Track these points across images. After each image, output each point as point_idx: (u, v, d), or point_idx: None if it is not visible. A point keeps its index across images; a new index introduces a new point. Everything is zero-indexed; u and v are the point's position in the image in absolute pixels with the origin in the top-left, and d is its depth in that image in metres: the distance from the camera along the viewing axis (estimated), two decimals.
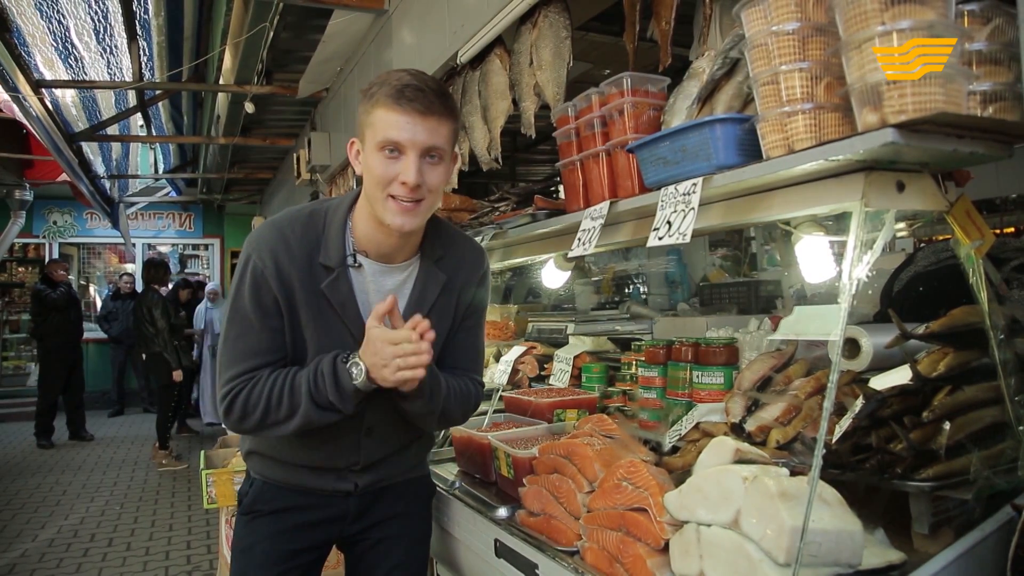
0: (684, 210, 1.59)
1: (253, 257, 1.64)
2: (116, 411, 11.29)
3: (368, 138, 1.59)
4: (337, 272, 1.67)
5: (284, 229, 1.68)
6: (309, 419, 1.61)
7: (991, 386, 1.53)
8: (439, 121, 1.57)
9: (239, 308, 1.64)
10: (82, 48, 5.33)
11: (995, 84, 1.30)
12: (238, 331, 1.65)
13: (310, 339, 1.67)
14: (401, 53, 3.85)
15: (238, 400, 1.61)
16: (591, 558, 1.60)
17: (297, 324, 1.67)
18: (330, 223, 1.70)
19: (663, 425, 2.04)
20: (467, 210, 3.22)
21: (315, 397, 1.60)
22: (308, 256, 1.66)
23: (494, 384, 2.95)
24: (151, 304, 7.77)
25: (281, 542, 1.79)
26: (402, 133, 1.54)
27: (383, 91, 1.55)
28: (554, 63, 2.60)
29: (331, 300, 1.67)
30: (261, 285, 1.62)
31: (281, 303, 1.64)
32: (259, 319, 1.63)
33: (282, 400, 1.61)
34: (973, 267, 1.49)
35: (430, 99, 1.55)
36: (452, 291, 1.81)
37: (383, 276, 1.74)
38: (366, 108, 1.59)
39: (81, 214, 12.36)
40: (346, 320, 1.68)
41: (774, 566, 1.24)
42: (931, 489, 1.41)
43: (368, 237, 1.70)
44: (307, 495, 1.81)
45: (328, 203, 1.77)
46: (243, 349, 1.64)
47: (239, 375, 1.63)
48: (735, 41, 1.58)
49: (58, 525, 5.72)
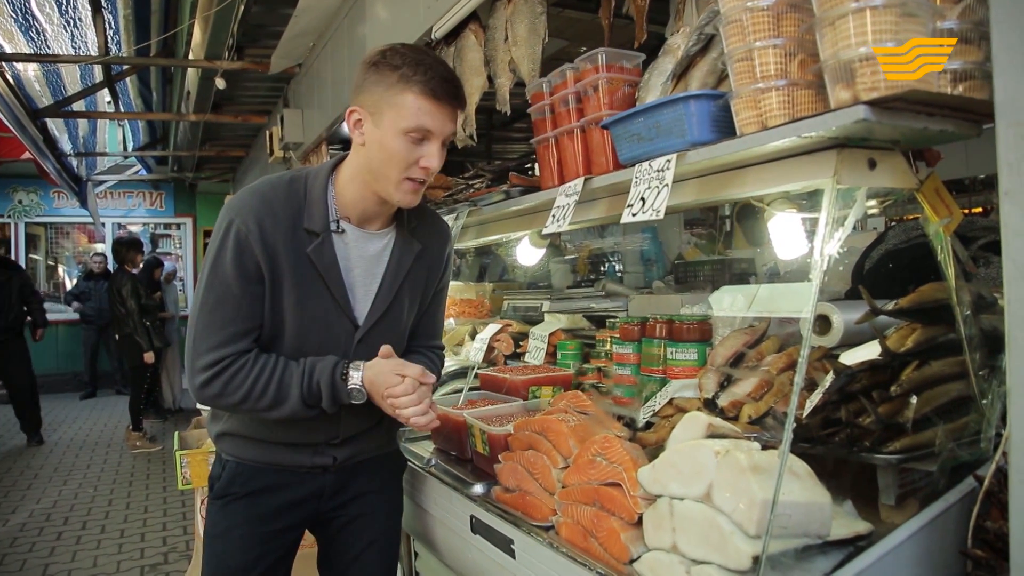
0: (658, 186, 1.59)
1: (236, 221, 1.62)
2: (88, 393, 11.07)
3: (391, 118, 1.59)
4: (322, 236, 1.68)
5: (267, 194, 1.67)
6: (295, 414, 1.66)
7: (957, 361, 1.56)
8: (460, 111, 1.67)
9: (219, 274, 1.62)
10: (44, 20, 5.18)
11: (965, 63, 1.31)
12: (217, 297, 1.62)
13: (292, 306, 1.67)
14: (375, 29, 3.79)
15: (218, 380, 1.61)
16: (566, 533, 1.61)
17: (279, 291, 1.66)
18: (311, 189, 1.71)
19: (637, 401, 2.06)
20: (442, 187, 3.20)
21: (306, 399, 1.65)
22: (292, 220, 1.66)
23: (470, 362, 2.95)
24: (120, 284, 7.65)
25: (259, 524, 1.77)
26: (435, 122, 1.60)
27: (419, 79, 1.57)
28: (529, 39, 2.58)
29: (316, 264, 1.67)
30: (245, 250, 1.61)
31: (264, 269, 1.62)
32: (241, 285, 1.61)
33: (267, 391, 1.62)
34: (941, 244, 1.51)
35: (460, 92, 1.65)
36: (424, 260, 1.86)
37: (364, 242, 1.76)
38: (392, 87, 1.58)
39: (48, 193, 12.05)
40: (330, 285, 1.69)
41: (745, 538, 1.26)
42: (898, 461, 1.44)
43: (354, 204, 1.72)
44: (284, 473, 1.79)
45: (306, 170, 1.77)
46: (222, 316, 1.62)
47: (219, 346, 1.61)
48: (710, 17, 1.57)
49: (30, 509, 5.66)
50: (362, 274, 1.76)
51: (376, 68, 1.61)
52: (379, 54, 1.62)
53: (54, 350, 11.87)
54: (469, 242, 3.12)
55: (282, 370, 1.64)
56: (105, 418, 9.48)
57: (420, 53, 1.62)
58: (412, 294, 1.85)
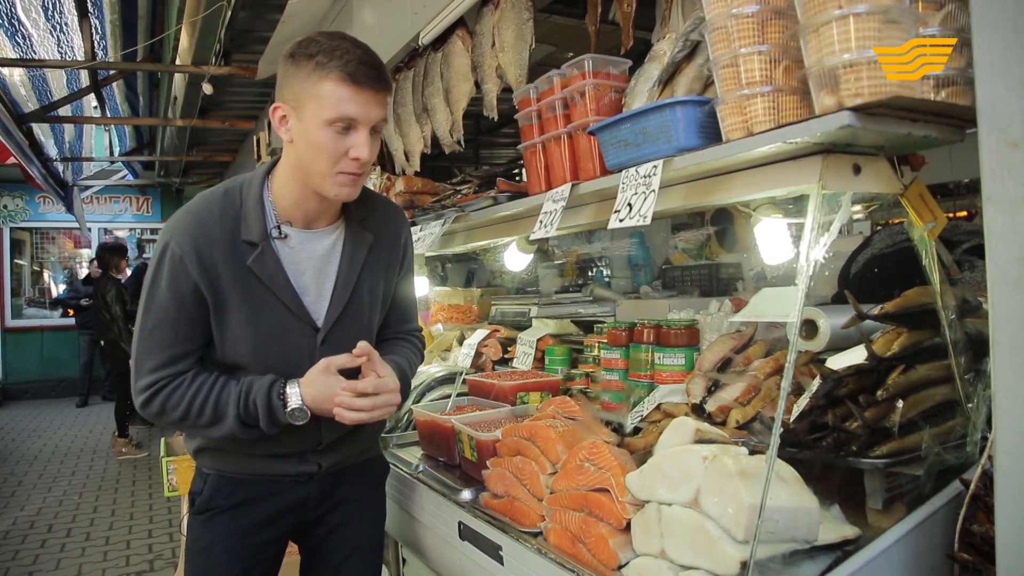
0: (645, 192, 1.60)
1: (171, 244, 1.58)
2: (83, 401, 10.89)
3: (312, 110, 1.53)
4: (261, 246, 1.63)
5: (200, 212, 1.63)
6: (232, 433, 1.62)
7: (942, 365, 1.57)
8: (386, 95, 1.59)
9: (155, 298, 1.60)
10: (30, 25, 5.15)
11: (948, 69, 1.32)
12: (154, 322, 1.60)
13: (244, 322, 1.63)
14: (362, 34, 3.79)
15: (156, 399, 1.60)
16: (554, 539, 1.61)
17: (225, 310, 1.62)
18: (246, 198, 1.66)
19: (625, 406, 2.06)
20: (429, 193, 3.20)
21: (244, 419, 1.61)
22: (230, 235, 1.62)
23: (458, 368, 2.94)
24: (105, 290, 7.61)
25: (243, 537, 1.74)
26: (358, 109, 1.53)
27: (335, 64, 1.50)
28: (516, 45, 2.58)
29: (259, 275, 1.63)
30: (180, 273, 1.57)
31: (204, 289, 1.59)
32: (176, 308, 1.59)
33: (204, 410, 1.60)
34: (926, 249, 1.52)
35: (381, 75, 1.56)
36: (380, 249, 1.81)
37: (311, 243, 1.71)
38: (310, 76, 1.52)
39: (33, 198, 11.95)
40: (278, 294, 1.65)
41: (733, 543, 1.26)
42: (885, 466, 1.44)
43: (295, 205, 1.67)
44: (268, 483, 1.76)
45: (240, 179, 1.72)
46: (160, 339, 1.60)
47: (157, 368, 1.60)
48: (696, 24, 1.58)
49: (13, 517, 5.60)
50: (315, 275, 1.71)
51: (293, 60, 1.55)
52: (295, 45, 1.56)
53: (39, 356, 11.78)
54: (457, 247, 3.11)
55: (220, 389, 1.61)
56: (91, 424, 9.40)
57: (336, 39, 1.54)
58: (372, 286, 1.79)
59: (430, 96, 3.07)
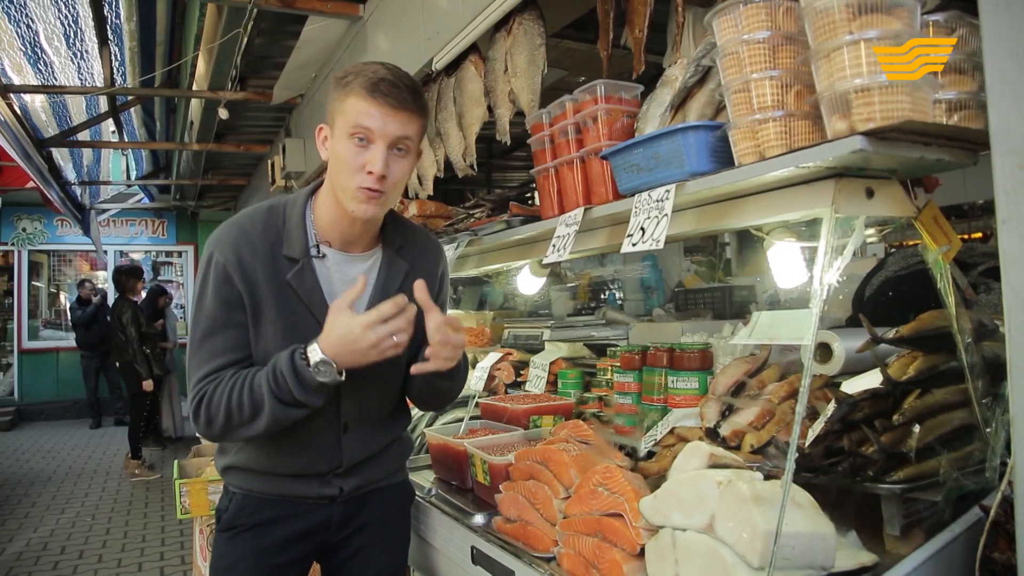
0: (658, 216, 1.60)
1: (215, 254, 1.63)
2: (96, 423, 10.93)
3: (339, 124, 1.59)
4: (302, 263, 1.67)
5: (244, 224, 1.68)
6: (276, 418, 1.57)
7: (959, 389, 1.55)
8: (409, 117, 1.61)
9: (203, 307, 1.63)
10: (52, 53, 5.25)
11: (960, 93, 1.32)
12: (204, 331, 1.63)
13: (279, 335, 1.64)
14: (376, 59, 3.83)
15: (201, 406, 1.59)
16: (567, 564, 1.60)
17: (261, 320, 1.64)
18: (290, 215, 1.70)
19: (638, 430, 2.05)
20: (442, 216, 3.22)
21: (278, 395, 1.56)
22: (271, 249, 1.66)
23: (470, 391, 2.94)
24: (121, 312, 7.68)
25: (265, 556, 1.74)
26: (373, 122, 1.56)
27: (358, 81, 1.56)
28: (528, 70, 2.61)
29: (297, 291, 1.66)
30: (224, 280, 1.61)
31: (245, 298, 1.62)
32: (224, 316, 1.62)
33: (243, 401, 1.57)
34: (941, 272, 1.51)
35: (403, 95, 1.58)
36: (414, 280, 1.75)
37: (347, 265, 1.74)
38: (340, 95, 1.59)
39: (51, 221, 12.13)
40: (313, 310, 1.67)
41: (748, 569, 1.24)
42: (902, 491, 1.42)
43: (332, 226, 1.70)
44: (291, 504, 1.77)
45: (285, 198, 1.76)
46: (210, 349, 1.62)
47: (205, 377, 1.60)
48: (707, 49, 1.59)
49: (27, 538, 5.61)
50: None
51: (335, 83, 1.63)
52: (340, 73, 1.64)
53: (54, 377, 11.87)
54: (470, 271, 3.12)
55: (251, 377, 1.59)
56: (104, 446, 9.43)
57: (373, 64, 1.61)
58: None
59: (443, 120, 3.10)
